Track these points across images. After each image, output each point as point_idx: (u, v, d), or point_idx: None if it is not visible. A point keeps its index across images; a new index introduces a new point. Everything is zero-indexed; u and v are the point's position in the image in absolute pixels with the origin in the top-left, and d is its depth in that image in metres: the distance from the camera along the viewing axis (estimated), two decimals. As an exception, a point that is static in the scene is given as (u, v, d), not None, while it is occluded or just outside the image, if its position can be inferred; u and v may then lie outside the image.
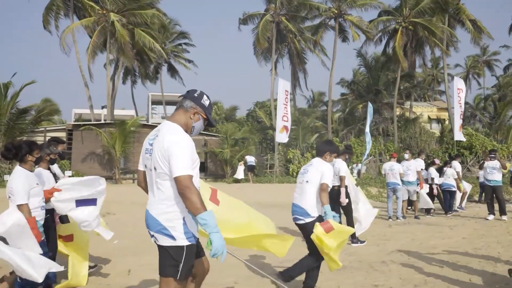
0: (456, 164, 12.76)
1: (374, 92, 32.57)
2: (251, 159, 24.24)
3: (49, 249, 4.62)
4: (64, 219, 4.96)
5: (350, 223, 7.88)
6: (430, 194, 11.96)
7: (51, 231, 4.70)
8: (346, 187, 7.78)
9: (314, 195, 4.74)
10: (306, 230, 4.72)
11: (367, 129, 20.76)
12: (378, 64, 32.87)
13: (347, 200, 7.78)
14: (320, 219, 4.67)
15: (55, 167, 5.39)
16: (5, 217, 3.83)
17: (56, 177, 5.04)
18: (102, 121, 27.05)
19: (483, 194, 13.49)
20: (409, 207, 12.44)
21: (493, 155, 11.13)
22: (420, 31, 28.03)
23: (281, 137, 22.32)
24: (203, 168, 26.74)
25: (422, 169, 12.48)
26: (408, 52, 29.89)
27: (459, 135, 19.88)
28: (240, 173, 23.36)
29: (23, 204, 4.07)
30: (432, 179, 12.05)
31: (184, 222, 2.86)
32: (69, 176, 5.80)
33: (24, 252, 3.78)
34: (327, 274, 5.75)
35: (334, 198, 7.53)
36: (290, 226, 9.92)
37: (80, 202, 4.61)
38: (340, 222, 5.06)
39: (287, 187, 21.22)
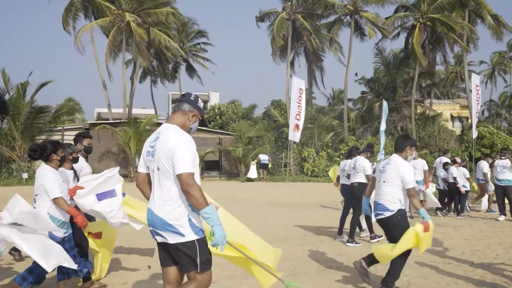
0: (484, 164, 12.07)
1: (392, 89, 32.02)
2: (264, 158, 24.18)
3: (79, 243, 4.84)
4: (91, 217, 5.14)
5: (355, 220, 7.80)
6: (455, 194, 11.53)
7: (75, 227, 4.82)
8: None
9: (392, 193, 4.84)
10: (385, 225, 4.89)
11: (382, 128, 20.42)
12: (396, 62, 32.27)
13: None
14: (400, 212, 4.80)
15: (82, 162, 5.41)
16: (10, 206, 3.89)
17: (76, 175, 5.11)
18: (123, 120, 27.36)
19: None
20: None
21: (503, 154, 10.75)
22: (439, 27, 27.34)
23: (294, 135, 22.14)
24: (217, 166, 26.80)
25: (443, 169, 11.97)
26: (426, 49, 29.20)
27: (476, 133, 19.40)
28: (253, 172, 23.31)
29: (58, 197, 4.30)
30: (454, 178, 11.56)
31: (189, 219, 3.00)
32: None
33: (43, 240, 3.96)
34: (310, 275, 5.64)
35: (356, 195, 7.61)
36: (295, 223, 9.83)
37: (101, 195, 4.71)
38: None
39: (300, 186, 21.11)
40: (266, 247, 4.10)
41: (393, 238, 4.83)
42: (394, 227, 4.79)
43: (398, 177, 4.80)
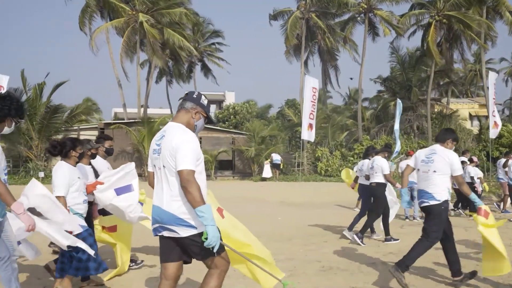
0: (503, 162, 11.86)
1: (407, 88, 31.61)
2: (277, 157, 24.18)
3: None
4: (106, 212, 5.23)
5: (370, 221, 7.79)
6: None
7: (90, 226, 4.91)
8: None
9: (442, 183, 4.94)
10: (429, 212, 5.00)
11: (396, 127, 20.27)
12: (412, 60, 31.82)
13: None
14: (444, 204, 4.90)
15: (103, 162, 5.51)
16: (27, 191, 3.94)
17: (95, 170, 5.20)
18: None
19: None
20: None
21: (516, 153, 10.51)
22: (455, 25, 26.87)
23: (308, 135, 22.07)
24: (230, 166, 26.84)
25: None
26: (443, 47, 28.71)
27: (493, 133, 19.03)
28: (267, 172, 23.34)
29: (60, 197, 4.36)
30: (471, 177, 11.34)
31: None
32: None
33: (62, 230, 4.01)
34: (309, 275, 5.59)
35: (375, 194, 7.78)
36: (303, 223, 9.77)
37: (119, 190, 4.80)
38: None
39: (312, 186, 21.00)
40: (267, 253, 4.06)
41: (425, 226, 5.01)
42: (434, 218, 4.92)
43: (448, 165, 4.92)
